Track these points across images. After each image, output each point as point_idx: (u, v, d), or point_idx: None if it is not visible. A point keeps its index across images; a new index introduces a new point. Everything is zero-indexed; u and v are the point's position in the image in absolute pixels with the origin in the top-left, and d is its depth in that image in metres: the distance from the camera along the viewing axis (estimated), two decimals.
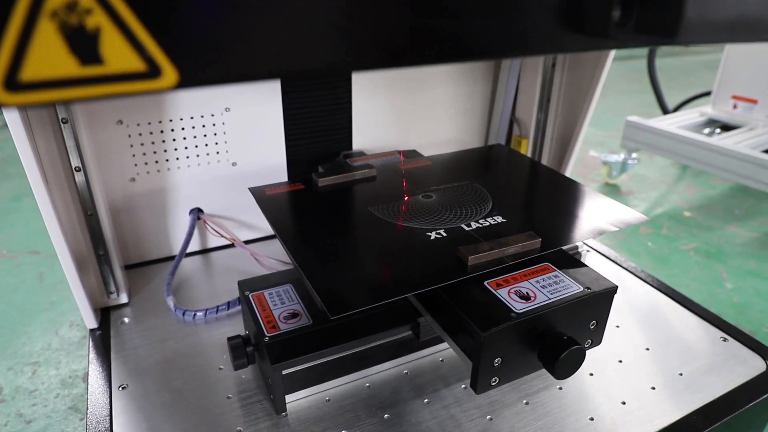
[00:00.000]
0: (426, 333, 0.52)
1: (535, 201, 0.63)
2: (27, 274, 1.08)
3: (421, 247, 0.51)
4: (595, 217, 0.56)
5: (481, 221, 0.55)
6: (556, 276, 0.48)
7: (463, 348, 0.45)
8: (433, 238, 0.52)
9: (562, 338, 0.44)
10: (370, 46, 0.22)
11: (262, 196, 0.62)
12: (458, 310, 0.44)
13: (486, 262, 0.48)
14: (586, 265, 0.50)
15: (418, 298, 0.51)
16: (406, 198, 0.61)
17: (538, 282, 0.47)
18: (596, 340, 0.49)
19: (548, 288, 0.47)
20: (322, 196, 0.63)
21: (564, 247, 0.52)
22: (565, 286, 0.47)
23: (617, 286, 0.48)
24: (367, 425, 0.49)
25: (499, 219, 0.56)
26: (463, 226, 0.54)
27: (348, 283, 0.46)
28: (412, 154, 0.78)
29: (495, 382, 0.44)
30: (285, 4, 0.19)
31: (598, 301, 0.47)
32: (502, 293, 0.46)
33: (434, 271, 0.47)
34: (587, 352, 0.49)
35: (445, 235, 0.52)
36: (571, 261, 0.51)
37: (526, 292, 0.46)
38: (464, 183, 0.65)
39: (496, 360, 0.43)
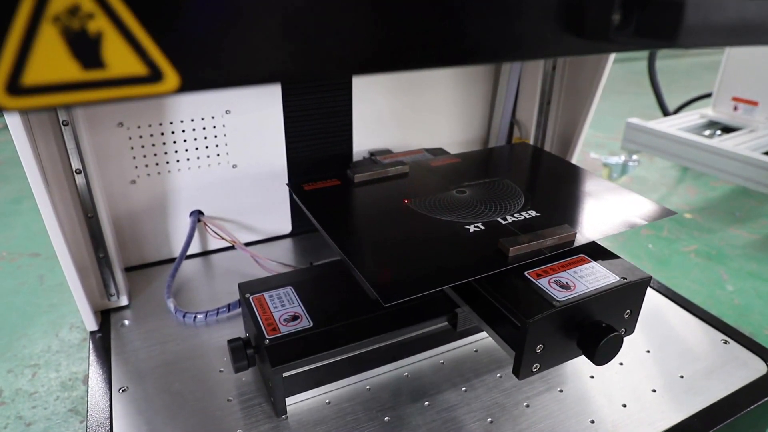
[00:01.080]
0: (463, 323, 0.54)
1: (566, 196, 0.64)
2: (27, 276, 1.08)
3: (461, 239, 0.52)
4: (625, 212, 0.58)
5: (516, 215, 0.57)
6: (592, 267, 0.50)
7: (504, 336, 0.47)
8: (471, 230, 0.53)
9: (601, 326, 0.45)
10: (369, 49, 0.22)
11: (300, 191, 0.63)
12: (502, 299, 0.46)
13: (526, 253, 0.49)
14: (619, 257, 0.52)
15: (455, 290, 0.53)
16: (441, 192, 0.62)
17: (575, 272, 0.49)
18: (630, 329, 0.51)
19: (586, 278, 0.48)
20: (358, 190, 0.64)
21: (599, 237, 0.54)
22: (602, 276, 0.49)
23: (651, 276, 0.49)
24: (367, 428, 0.49)
25: (534, 213, 0.57)
26: (500, 219, 0.56)
27: (395, 273, 0.47)
28: (439, 152, 0.81)
29: (536, 368, 0.46)
30: (285, 8, 0.19)
31: (633, 291, 0.48)
32: (543, 283, 0.47)
33: (476, 262, 0.48)
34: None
35: (483, 228, 0.54)
36: (605, 253, 0.52)
37: (566, 282, 0.48)
38: (495, 179, 0.66)
39: (539, 346, 0.45)
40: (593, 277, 0.48)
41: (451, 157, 0.75)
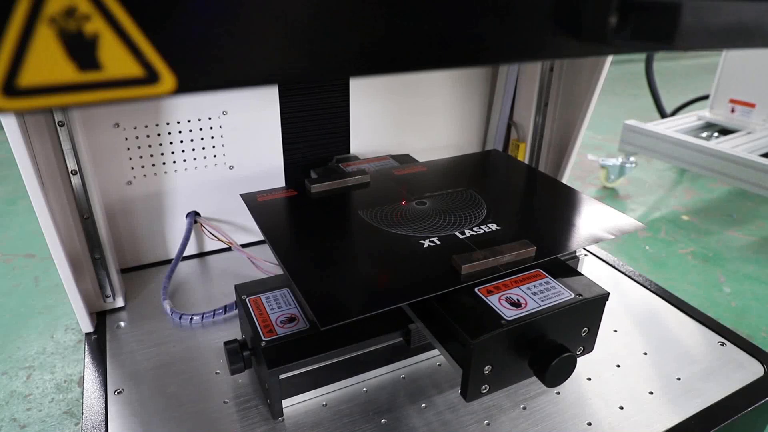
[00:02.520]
0: (417, 340, 0.52)
1: (531, 208, 0.63)
2: (22, 277, 1.08)
3: (414, 255, 0.50)
4: (592, 225, 0.56)
5: (475, 229, 0.55)
6: (547, 282, 0.48)
7: (454, 355, 0.45)
8: (426, 245, 0.52)
9: (553, 346, 0.44)
10: (366, 51, 0.22)
11: (253, 202, 0.61)
12: (448, 318, 0.44)
13: (480, 271, 0.47)
14: (578, 272, 0.50)
15: (409, 305, 0.51)
16: (399, 204, 0.61)
17: (529, 289, 0.47)
18: (588, 347, 0.49)
19: (539, 295, 0.47)
20: (314, 202, 0.62)
21: (561, 253, 0.52)
22: (556, 292, 0.47)
23: (609, 293, 0.48)
24: (364, 430, 0.49)
25: (494, 227, 0.55)
26: (457, 233, 0.54)
27: (339, 292, 0.45)
28: (405, 159, 0.78)
29: (485, 389, 0.44)
30: (282, 10, 0.19)
31: (590, 308, 0.47)
32: (493, 300, 0.46)
33: (427, 280, 0.46)
34: (585, 356, 0.49)
35: (438, 242, 0.52)
36: (564, 268, 0.51)
37: (517, 299, 0.46)
38: (459, 189, 0.64)
39: (486, 367, 0.43)
40: (547, 294, 0.47)
41: (417, 166, 0.73)
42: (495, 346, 0.43)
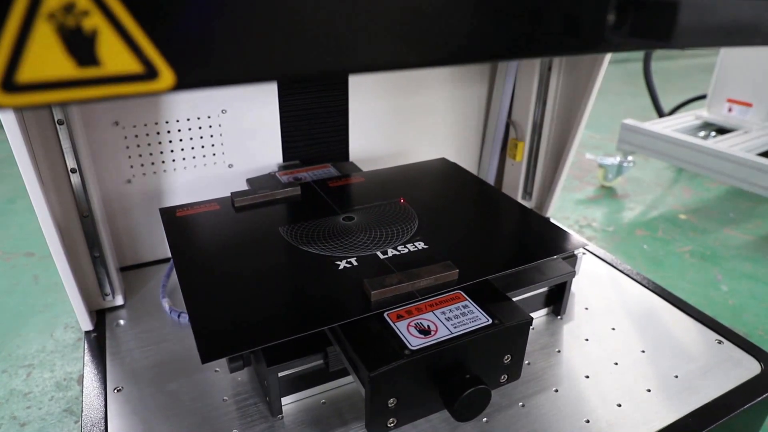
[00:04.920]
0: (335, 364, 0.48)
1: (467, 225, 0.59)
2: (21, 275, 1.08)
3: (327, 276, 0.48)
4: (530, 244, 0.53)
5: (399, 248, 0.52)
6: (465, 306, 0.45)
7: (362, 383, 0.41)
8: (342, 267, 0.49)
9: (464, 377, 0.40)
10: (366, 49, 0.22)
11: (171, 217, 0.58)
12: (349, 346, 0.41)
13: (392, 297, 0.44)
14: (505, 295, 0.47)
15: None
16: (325, 220, 0.57)
17: (443, 313, 0.44)
18: (513, 375, 0.46)
19: (453, 320, 0.43)
20: (235, 217, 0.59)
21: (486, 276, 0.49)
22: (473, 318, 0.44)
23: (532, 319, 0.45)
24: (362, 428, 0.49)
25: (421, 245, 0.52)
26: (379, 253, 0.51)
27: (235, 322, 0.43)
28: (348, 168, 0.76)
29: (392, 423, 0.41)
30: (281, 6, 0.19)
31: (510, 335, 0.44)
32: (401, 326, 0.43)
33: (335, 307, 0.43)
34: (583, 354, 0.49)
35: (355, 264, 0.49)
36: (489, 289, 0.47)
37: (427, 326, 0.43)
38: (392, 204, 0.61)
39: (390, 400, 0.40)
40: (462, 319, 0.43)
41: (356, 176, 0.70)
42: (397, 378, 0.39)
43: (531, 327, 0.44)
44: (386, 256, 0.50)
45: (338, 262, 0.50)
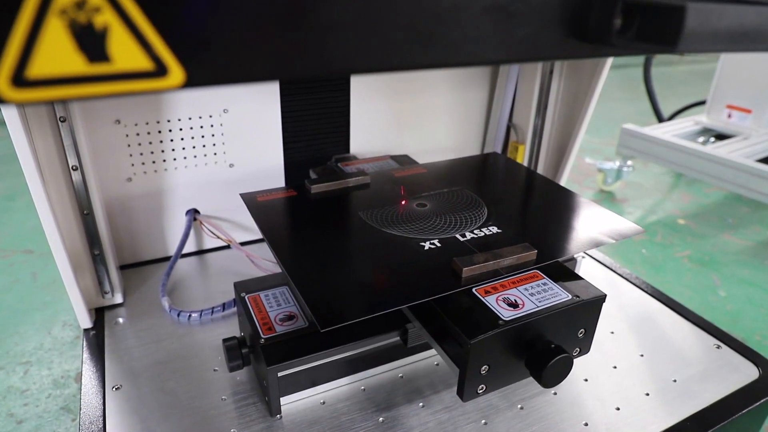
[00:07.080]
0: (414, 339, 0.52)
1: (532, 211, 0.62)
2: (20, 273, 1.07)
3: (414, 257, 0.50)
4: (592, 229, 0.56)
5: (476, 231, 0.55)
6: (545, 284, 0.48)
7: (451, 355, 0.45)
8: (426, 248, 0.51)
9: (550, 346, 0.44)
10: (369, 49, 0.22)
11: (253, 202, 0.61)
12: (446, 318, 0.44)
13: (481, 274, 0.47)
14: (576, 274, 0.50)
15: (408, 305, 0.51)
16: (400, 206, 0.60)
17: (526, 290, 0.47)
18: (585, 349, 0.49)
19: (536, 296, 0.46)
20: (314, 203, 0.62)
21: (562, 257, 0.52)
22: (553, 294, 0.47)
23: (606, 295, 0.48)
24: (362, 428, 0.49)
25: (495, 229, 0.55)
26: (458, 236, 0.54)
27: (339, 294, 0.45)
28: (405, 160, 0.78)
29: (482, 389, 0.44)
30: (290, 6, 0.19)
31: (587, 310, 0.47)
32: (490, 300, 0.46)
33: (428, 283, 0.46)
34: (582, 358, 0.49)
35: (439, 245, 0.52)
36: (562, 270, 0.51)
37: (515, 300, 0.46)
38: (459, 192, 0.64)
39: (483, 367, 0.43)
40: (544, 295, 0.47)
41: (417, 167, 0.73)
42: (492, 346, 0.43)
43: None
44: (465, 238, 0.53)
45: (423, 244, 0.52)
